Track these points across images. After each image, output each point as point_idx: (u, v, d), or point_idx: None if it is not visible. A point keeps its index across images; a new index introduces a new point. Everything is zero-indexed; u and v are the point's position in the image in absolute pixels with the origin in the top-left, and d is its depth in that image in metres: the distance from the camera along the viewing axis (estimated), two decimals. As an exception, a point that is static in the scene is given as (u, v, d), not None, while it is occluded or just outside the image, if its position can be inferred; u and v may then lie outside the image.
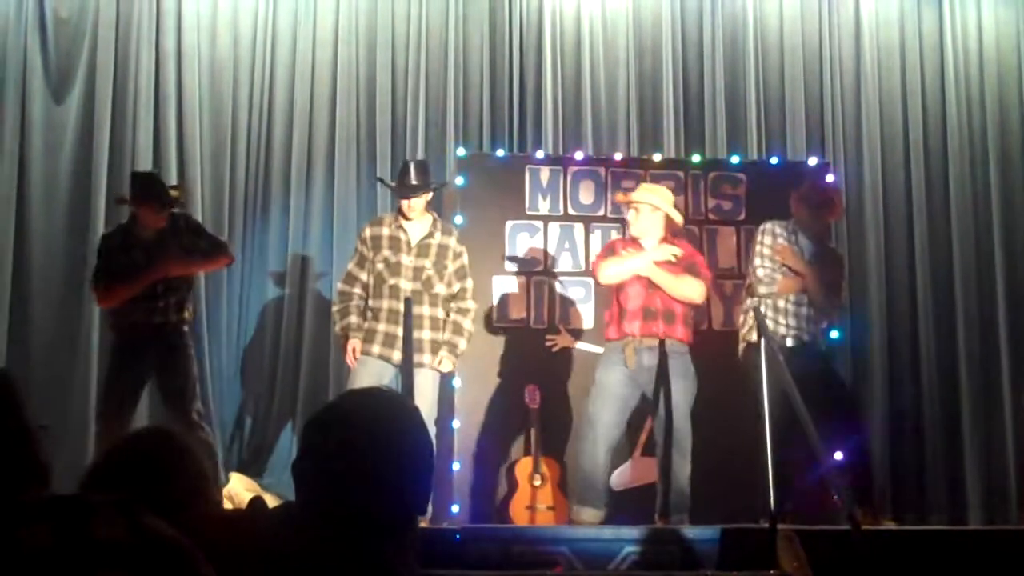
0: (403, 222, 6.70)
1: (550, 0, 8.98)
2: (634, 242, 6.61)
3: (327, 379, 8.09)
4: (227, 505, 6.18)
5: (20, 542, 1.22)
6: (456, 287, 6.72)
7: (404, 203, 6.69)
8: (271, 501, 2.34)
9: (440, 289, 6.62)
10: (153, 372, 6.63)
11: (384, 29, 8.76)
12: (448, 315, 6.70)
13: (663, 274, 6.43)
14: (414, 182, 6.63)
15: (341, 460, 2.05)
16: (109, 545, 1.26)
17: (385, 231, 6.67)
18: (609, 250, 6.65)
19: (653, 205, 6.53)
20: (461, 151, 8.24)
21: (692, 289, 6.47)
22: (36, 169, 8.13)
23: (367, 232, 6.73)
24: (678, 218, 6.66)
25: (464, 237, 7.52)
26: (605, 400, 6.40)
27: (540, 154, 8.26)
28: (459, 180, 7.89)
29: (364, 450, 2.05)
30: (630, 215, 6.61)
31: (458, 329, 6.68)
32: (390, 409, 2.18)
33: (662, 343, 6.39)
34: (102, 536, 1.26)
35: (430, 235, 6.68)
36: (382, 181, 6.86)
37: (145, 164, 8.15)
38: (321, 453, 2.09)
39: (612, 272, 6.49)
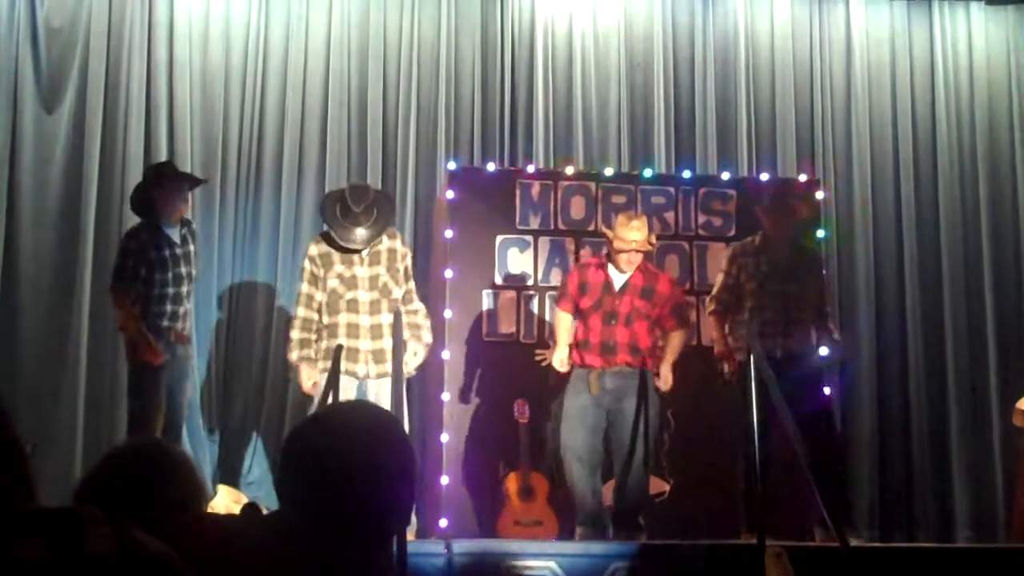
0: None
1: (542, 15, 9.00)
2: (604, 266, 6.65)
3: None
4: (214, 517, 6.15)
5: (11, 554, 1.21)
6: (403, 289, 6.63)
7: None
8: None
9: (397, 294, 6.58)
10: (167, 381, 6.62)
11: (376, 41, 8.76)
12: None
13: (674, 354, 6.66)
14: (363, 231, 6.42)
15: (320, 471, 2.05)
16: (100, 559, 1.25)
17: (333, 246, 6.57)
18: (564, 289, 6.77)
19: (649, 242, 6.59)
20: (452, 164, 8.24)
21: (682, 340, 6.76)
22: (26, 179, 8.10)
23: (314, 250, 6.57)
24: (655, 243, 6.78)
25: (454, 251, 7.55)
26: (573, 427, 6.52)
27: (531, 168, 8.26)
28: (449, 194, 7.89)
29: (342, 460, 2.05)
30: (621, 258, 6.54)
31: (416, 330, 6.60)
32: (367, 419, 2.18)
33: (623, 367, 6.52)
34: (93, 550, 1.26)
35: (378, 241, 6.57)
36: (333, 222, 6.46)
37: (136, 174, 8.13)
38: (302, 465, 2.09)
39: (557, 323, 6.77)
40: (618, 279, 6.59)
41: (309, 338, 6.52)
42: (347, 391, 6.29)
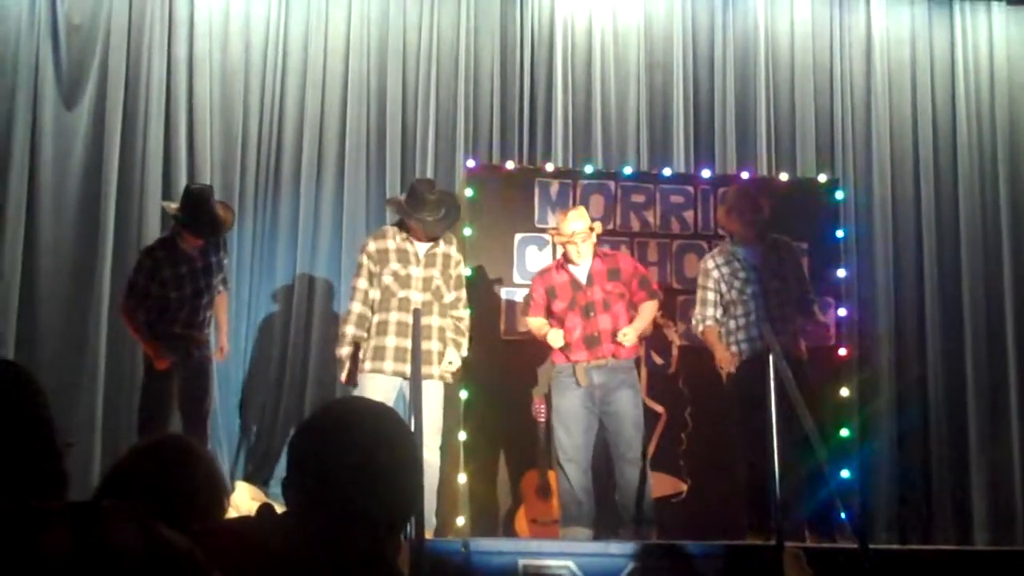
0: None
1: (561, 13, 8.99)
2: (564, 266, 6.67)
3: (333, 389, 8.04)
4: (232, 514, 6.16)
5: (39, 546, 1.22)
6: (452, 295, 6.64)
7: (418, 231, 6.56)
8: (278, 509, 2.35)
9: (448, 298, 6.56)
10: (181, 383, 6.74)
11: (395, 39, 8.76)
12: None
13: (644, 321, 6.62)
14: (429, 217, 6.47)
15: (324, 469, 2.07)
16: (124, 553, 1.26)
17: (391, 244, 6.52)
18: (529, 299, 6.84)
19: (590, 228, 6.58)
20: (471, 163, 8.25)
21: (653, 309, 6.74)
22: (46, 175, 8.12)
23: (372, 246, 6.55)
24: (598, 228, 6.73)
25: (472, 249, 7.53)
26: (565, 424, 6.49)
27: (550, 167, 8.26)
28: (468, 192, 7.89)
29: (343, 457, 2.08)
30: (571, 249, 6.56)
31: (458, 336, 6.59)
32: (365, 415, 2.21)
33: (610, 360, 6.49)
34: (118, 544, 1.26)
35: (435, 244, 6.59)
36: (401, 211, 6.59)
37: (155, 171, 8.18)
38: (306, 466, 2.11)
39: (533, 329, 6.75)
40: (581, 273, 6.59)
41: (362, 335, 6.46)
42: (393, 392, 6.32)
